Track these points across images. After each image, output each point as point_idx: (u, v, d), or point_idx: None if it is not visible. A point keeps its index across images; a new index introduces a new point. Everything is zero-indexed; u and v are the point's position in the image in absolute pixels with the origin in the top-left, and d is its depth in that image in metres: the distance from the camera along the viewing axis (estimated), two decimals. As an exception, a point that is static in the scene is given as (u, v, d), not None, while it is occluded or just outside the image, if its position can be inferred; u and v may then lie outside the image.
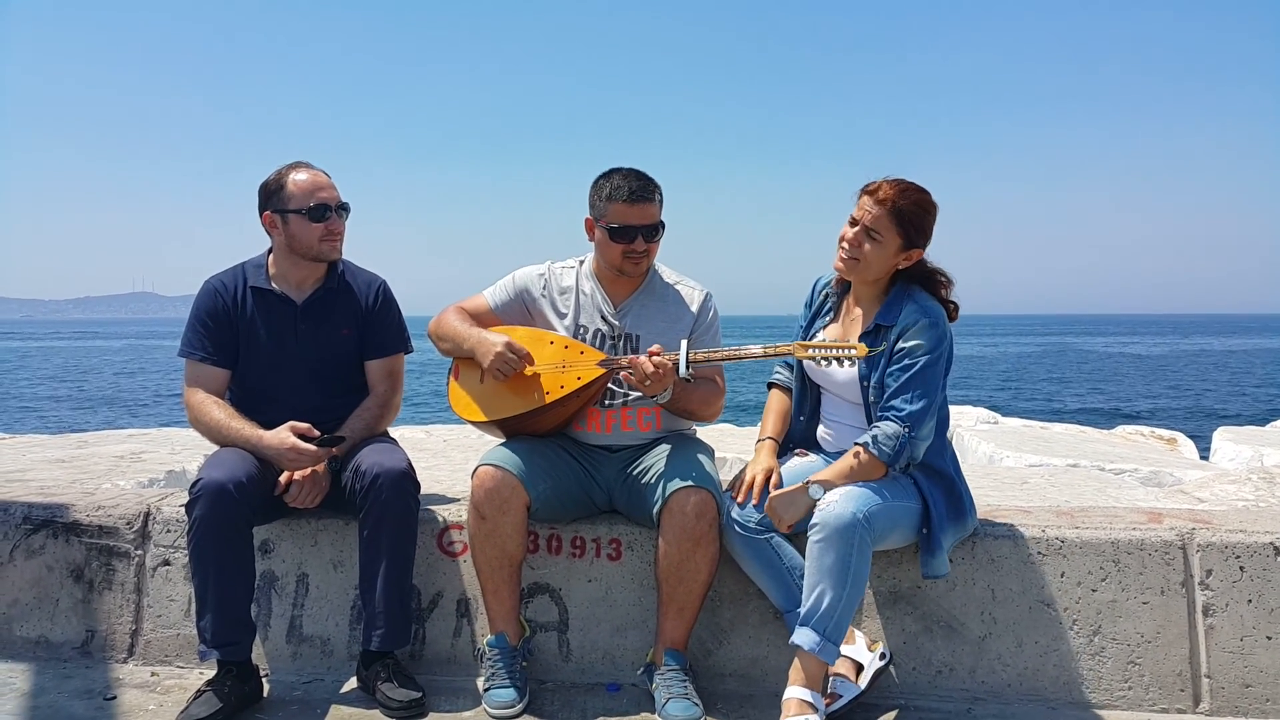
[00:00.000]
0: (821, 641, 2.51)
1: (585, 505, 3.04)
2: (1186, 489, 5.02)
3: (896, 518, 2.64)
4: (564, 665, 3.03)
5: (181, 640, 3.10)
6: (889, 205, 2.67)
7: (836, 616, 2.52)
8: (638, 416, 3.02)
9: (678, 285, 3.14)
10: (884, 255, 2.72)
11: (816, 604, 2.52)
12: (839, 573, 2.50)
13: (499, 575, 2.84)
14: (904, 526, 2.69)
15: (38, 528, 3.19)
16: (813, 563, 2.54)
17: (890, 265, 2.76)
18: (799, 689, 2.54)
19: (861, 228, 2.71)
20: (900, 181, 2.71)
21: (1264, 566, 2.80)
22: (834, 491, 2.58)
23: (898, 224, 2.68)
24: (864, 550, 2.52)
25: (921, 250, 2.76)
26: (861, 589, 2.56)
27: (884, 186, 2.69)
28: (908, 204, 2.68)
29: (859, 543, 2.50)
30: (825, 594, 2.51)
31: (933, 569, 2.71)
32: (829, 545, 2.51)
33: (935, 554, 2.70)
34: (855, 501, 2.52)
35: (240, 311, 3.05)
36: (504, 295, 3.14)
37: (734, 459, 6.41)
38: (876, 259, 2.72)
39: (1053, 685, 2.84)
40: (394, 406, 3.19)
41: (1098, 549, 2.86)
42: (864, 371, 2.77)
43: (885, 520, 2.58)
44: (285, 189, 3.00)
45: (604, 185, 2.96)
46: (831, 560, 2.50)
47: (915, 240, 2.72)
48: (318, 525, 3.12)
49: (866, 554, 2.53)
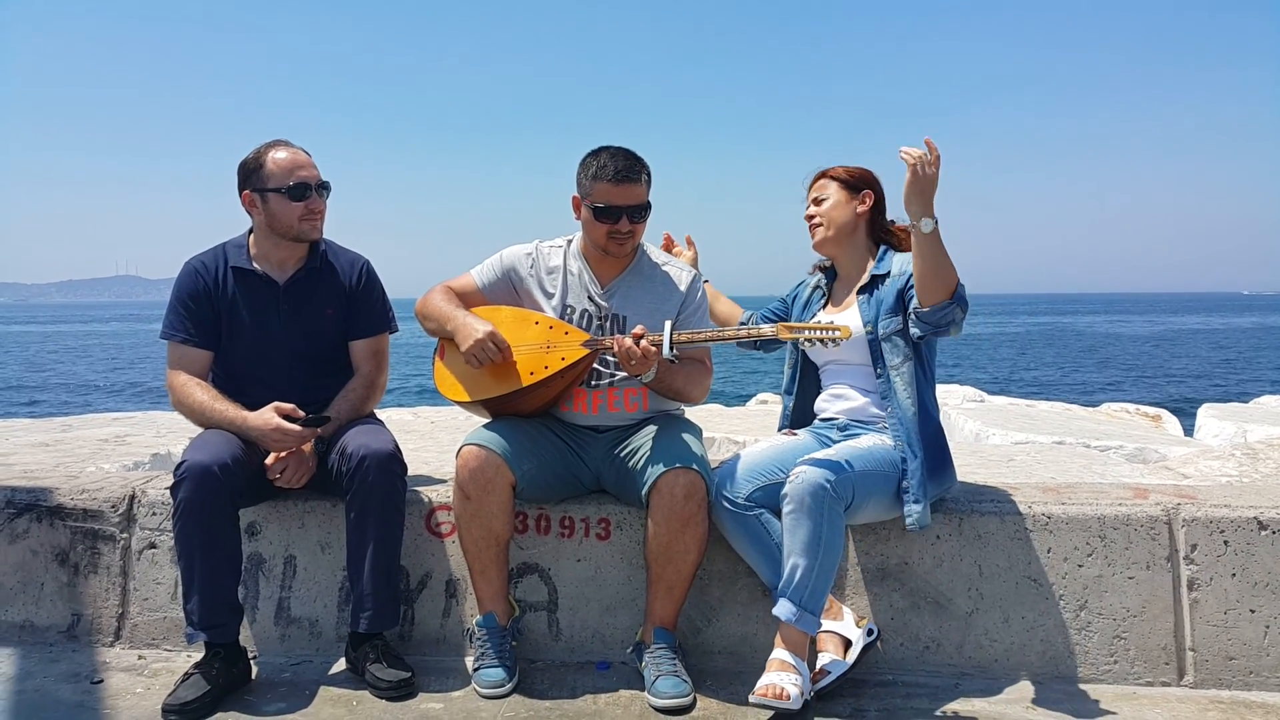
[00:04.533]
0: (798, 611, 2.58)
1: (572, 485, 3.03)
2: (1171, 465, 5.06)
3: (870, 486, 2.69)
4: (553, 644, 3.03)
5: (168, 623, 3.09)
6: (825, 175, 3.08)
7: (811, 586, 2.58)
8: (624, 397, 3.02)
9: (666, 266, 3.12)
10: (837, 205, 3.02)
11: (791, 575, 2.60)
12: (810, 543, 2.57)
13: (486, 555, 2.84)
14: (879, 495, 2.74)
15: (21, 511, 3.16)
16: (786, 535, 2.63)
17: (849, 212, 3.03)
18: (781, 650, 2.60)
19: (811, 200, 3.09)
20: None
21: (1247, 541, 2.82)
22: (802, 462, 2.66)
23: (834, 180, 3.05)
24: (834, 519, 2.58)
25: (871, 193, 3.03)
26: (834, 557, 2.61)
27: (819, 170, 3.12)
28: (839, 170, 3.06)
29: (828, 512, 2.56)
30: (799, 565, 2.58)
31: (918, 519, 2.73)
32: (799, 516, 2.58)
33: (920, 502, 2.74)
34: (822, 471, 2.58)
35: (221, 292, 3.02)
36: (491, 274, 3.12)
37: (723, 439, 6.43)
38: (832, 213, 3.02)
39: (1039, 660, 2.86)
40: (379, 386, 3.17)
41: (1084, 525, 2.88)
42: (868, 316, 2.89)
43: (858, 489, 2.64)
44: (264, 167, 2.97)
45: (591, 164, 2.93)
46: (803, 532, 2.58)
47: (858, 187, 3.04)
48: (305, 507, 3.11)
49: (838, 522, 2.59)
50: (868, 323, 2.89)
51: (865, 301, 2.93)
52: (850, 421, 2.95)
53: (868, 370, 2.92)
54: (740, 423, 7.33)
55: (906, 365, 2.82)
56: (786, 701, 2.49)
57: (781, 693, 2.50)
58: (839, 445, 2.82)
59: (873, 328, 2.88)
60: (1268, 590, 2.80)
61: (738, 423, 7.34)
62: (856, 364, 2.95)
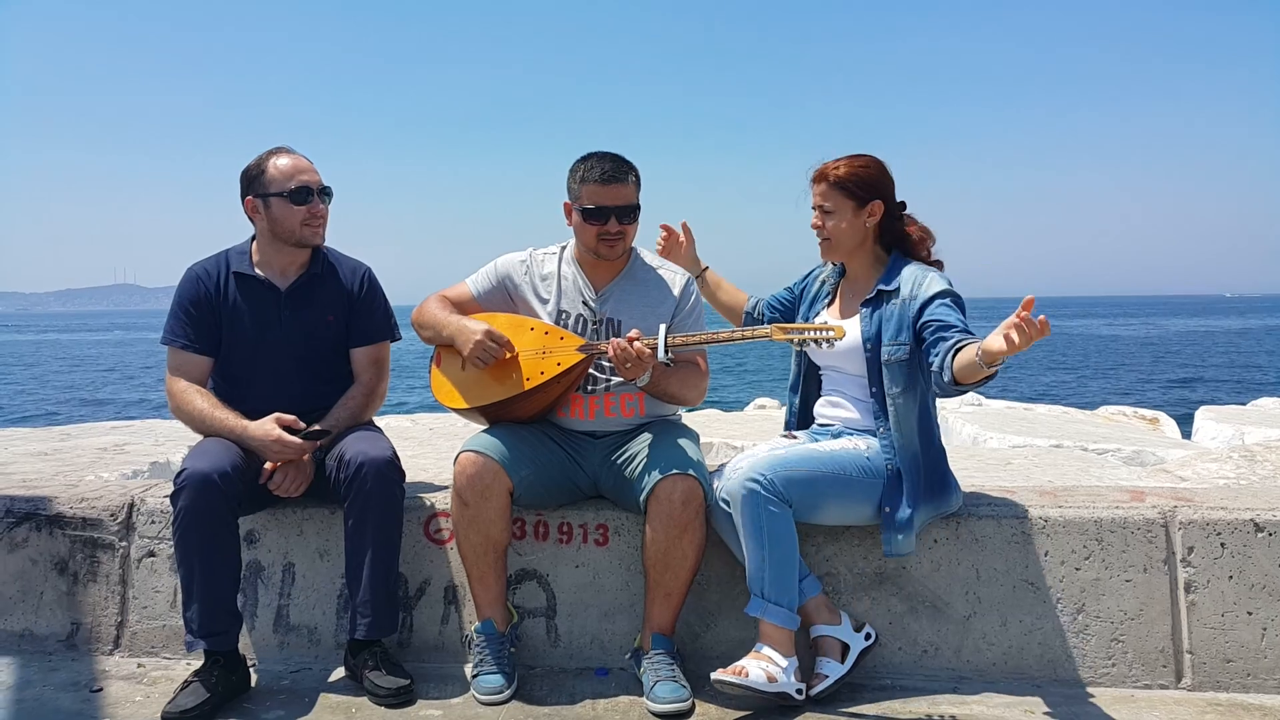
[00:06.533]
0: (764, 604, 2.64)
1: (570, 491, 3.04)
2: (1169, 468, 5.07)
3: (828, 488, 2.71)
4: (552, 650, 3.03)
5: (168, 631, 3.09)
6: (830, 179, 2.90)
7: (766, 576, 2.64)
8: (620, 402, 3.02)
9: (660, 270, 3.13)
10: (845, 222, 2.90)
11: (750, 570, 2.68)
12: (754, 534, 2.64)
13: (484, 561, 2.85)
14: (844, 498, 2.75)
15: (20, 520, 3.17)
16: (740, 534, 2.70)
17: (858, 227, 2.91)
18: (764, 646, 2.65)
19: (819, 210, 2.93)
20: (837, 158, 2.93)
21: (1244, 543, 2.83)
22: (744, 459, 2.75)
23: (841, 191, 2.89)
24: (773, 515, 2.63)
25: (881, 202, 2.90)
26: (787, 547, 2.65)
27: (824, 167, 2.93)
28: (844, 172, 2.89)
29: (762, 504, 2.62)
30: (752, 558, 2.66)
31: (896, 547, 2.76)
32: (739, 513, 2.67)
33: (901, 531, 2.74)
34: (751, 468, 2.65)
35: (223, 298, 3.03)
36: (486, 282, 3.13)
37: (720, 444, 6.43)
38: (841, 230, 2.90)
39: (1037, 663, 2.86)
40: (379, 395, 3.17)
41: (1081, 528, 2.88)
42: (868, 334, 2.83)
43: (809, 489, 2.68)
44: (266, 173, 2.98)
45: (579, 168, 2.96)
46: (746, 525, 2.65)
47: (866, 196, 2.89)
48: (303, 515, 3.11)
49: (780, 518, 2.64)
50: (867, 339, 2.82)
51: (868, 316, 2.85)
52: (845, 429, 2.92)
53: (862, 382, 2.88)
54: (738, 428, 7.34)
55: (906, 395, 2.77)
56: (744, 678, 2.53)
57: (740, 670, 2.55)
58: (801, 445, 2.84)
59: (872, 346, 2.81)
60: (1265, 592, 2.81)
61: (736, 428, 7.35)
62: (852, 374, 2.92)
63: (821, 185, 2.92)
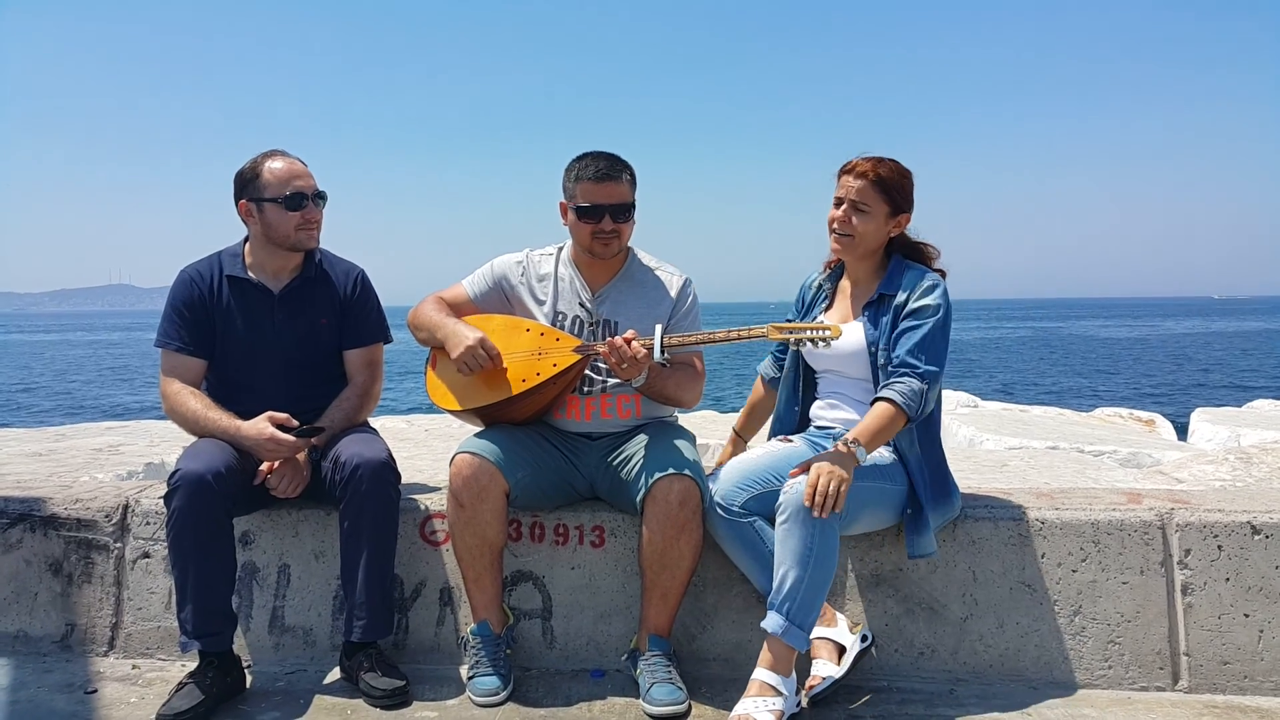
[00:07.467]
0: (785, 624, 2.51)
1: (566, 493, 3.03)
2: (1165, 470, 5.07)
3: (866, 499, 2.66)
4: (548, 652, 3.03)
5: (162, 633, 3.08)
6: (870, 177, 2.80)
7: (800, 599, 2.51)
8: (617, 403, 3.02)
9: (657, 271, 3.13)
10: (875, 225, 2.83)
11: (780, 586, 2.53)
12: (801, 555, 2.50)
13: (480, 563, 2.84)
14: (878, 508, 2.72)
15: (14, 521, 3.15)
16: (778, 544, 2.56)
17: (883, 234, 2.86)
18: (764, 671, 2.54)
19: (848, 204, 2.83)
20: (874, 156, 2.84)
21: (1241, 545, 2.83)
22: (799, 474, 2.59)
23: (882, 192, 2.80)
24: (827, 532, 2.51)
25: (909, 215, 2.87)
26: (826, 571, 2.53)
27: (861, 163, 2.83)
28: (887, 172, 2.81)
29: (821, 524, 2.49)
30: (788, 576, 2.52)
31: (920, 548, 2.74)
32: (791, 527, 2.52)
33: (923, 533, 2.73)
34: None
35: (216, 301, 3.02)
36: (483, 284, 3.13)
37: (716, 445, 6.42)
38: (868, 230, 2.83)
39: (1034, 665, 2.86)
40: (373, 396, 3.17)
41: (1078, 530, 2.88)
42: (871, 337, 2.81)
43: (855, 501, 2.58)
44: (261, 177, 2.97)
45: (574, 167, 2.96)
46: (794, 543, 2.51)
47: (902, 205, 2.84)
48: (298, 516, 3.10)
49: (830, 536, 2.52)
50: (872, 343, 2.81)
51: (869, 319, 2.84)
52: (847, 432, 2.90)
53: (867, 385, 2.86)
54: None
55: None
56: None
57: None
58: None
59: (877, 349, 2.80)
60: (1261, 594, 2.81)
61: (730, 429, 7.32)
62: (855, 377, 2.90)
63: (861, 182, 2.79)
